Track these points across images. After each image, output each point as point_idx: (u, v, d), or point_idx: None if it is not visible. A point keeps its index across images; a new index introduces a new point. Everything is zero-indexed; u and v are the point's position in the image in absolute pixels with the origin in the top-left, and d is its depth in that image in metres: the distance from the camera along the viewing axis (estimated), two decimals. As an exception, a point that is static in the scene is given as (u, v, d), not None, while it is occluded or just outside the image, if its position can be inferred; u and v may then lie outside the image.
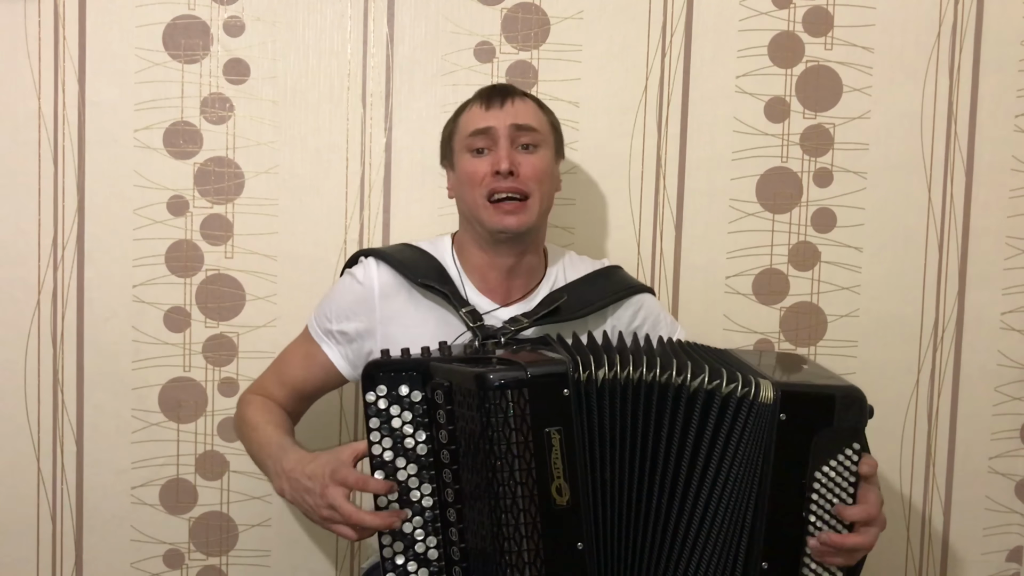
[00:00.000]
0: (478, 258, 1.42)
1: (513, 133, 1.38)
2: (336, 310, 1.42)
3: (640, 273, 1.72)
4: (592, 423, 1.15)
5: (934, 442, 1.77)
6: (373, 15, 1.67)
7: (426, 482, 1.18)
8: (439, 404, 1.16)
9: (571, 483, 1.13)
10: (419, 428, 1.18)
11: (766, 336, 1.74)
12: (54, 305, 1.67)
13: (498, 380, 1.11)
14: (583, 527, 1.14)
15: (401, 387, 1.18)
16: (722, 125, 1.72)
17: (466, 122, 1.41)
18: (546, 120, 1.45)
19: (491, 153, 1.38)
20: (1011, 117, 1.74)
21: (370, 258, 1.43)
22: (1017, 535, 1.80)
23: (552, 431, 1.12)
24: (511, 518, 1.12)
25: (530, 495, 1.12)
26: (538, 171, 1.38)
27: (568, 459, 1.13)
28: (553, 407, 1.13)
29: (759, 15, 1.71)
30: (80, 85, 1.65)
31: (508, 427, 1.11)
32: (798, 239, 1.74)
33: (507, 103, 1.40)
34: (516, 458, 1.11)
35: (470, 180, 1.38)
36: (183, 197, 1.67)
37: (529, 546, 1.12)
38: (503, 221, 1.36)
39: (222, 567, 1.71)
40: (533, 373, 1.12)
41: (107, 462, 1.69)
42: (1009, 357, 1.78)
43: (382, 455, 1.18)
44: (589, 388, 1.15)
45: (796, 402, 1.16)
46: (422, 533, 1.18)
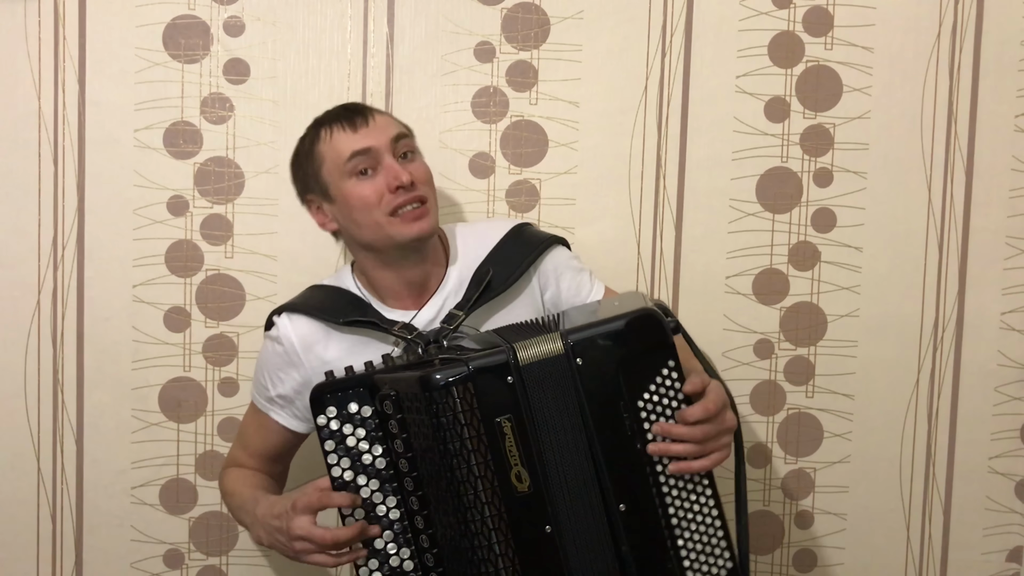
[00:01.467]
0: (387, 279, 1.40)
1: (393, 146, 1.36)
2: (268, 377, 1.43)
3: (640, 273, 1.72)
4: (533, 405, 1.16)
5: (934, 442, 1.77)
6: (373, 15, 1.68)
7: (390, 495, 1.19)
8: (389, 415, 1.18)
9: (529, 468, 1.15)
10: (374, 443, 1.19)
11: (766, 336, 1.74)
12: (54, 305, 1.67)
13: (443, 379, 1.13)
14: (548, 510, 1.15)
15: (350, 405, 1.20)
16: (722, 125, 1.71)
17: (337, 149, 1.35)
18: (404, 125, 1.43)
19: (377, 172, 1.34)
20: (1011, 117, 1.74)
21: (282, 315, 1.41)
22: (1017, 535, 1.80)
23: (502, 420, 1.14)
24: (476, 513, 1.14)
25: (491, 487, 1.14)
26: (426, 175, 1.38)
27: (522, 445, 1.14)
28: (500, 396, 1.15)
29: (759, 15, 1.71)
30: (80, 85, 1.65)
31: (459, 423, 1.13)
32: (798, 239, 1.74)
33: (370, 119, 1.37)
34: (472, 452, 1.13)
35: (365, 204, 1.33)
36: (183, 197, 1.67)
37: (498, 537, 1.14)
38: (413, 229, 1.33)
39: (222, 567, 1.72)
40: (475, 366, 1.14)
41: (107, 462, 1.69)
42: (1009, 357, 1.78)
43: (342, 476, 1.20)
44: (528, 371, 1.16)
45: (585, 344, 1.17)
46: (394, 547, 1.19)
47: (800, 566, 1.78)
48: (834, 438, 1.75)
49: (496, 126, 1.69)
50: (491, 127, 1.69)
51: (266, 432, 1.47)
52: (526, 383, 1.16)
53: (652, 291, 1.72)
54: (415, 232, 1.34)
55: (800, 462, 1.76)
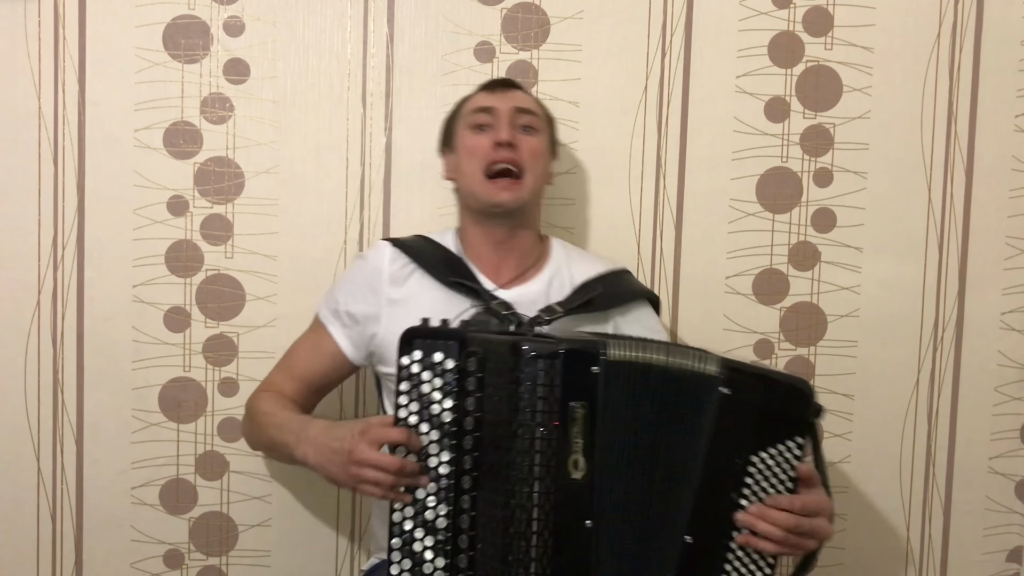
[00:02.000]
0: (474, 235, 1.47)
1: (514, 115, 1.44)
2: (345, 291, 1.46)
3: (640, 273, 1.72)
4: (609, 401, 1.16)
5: (934, 442, 1.77)
6: (373, 15, 1.68)
7: (445, 450, 1.18)
8: (471, 371, 1.18)
9: (588, 458, 1.15)
10: (447, 396, 1.19)
11: (766, 336, 1.74)
12: (54, 305, 1.67)
13: (533, 349, 1.15)
14: (593, 504, 1.15)
15: (436, 354, 1.20)
16: (722, 125, 1.72)
17: (470, 103, 1.48)
18: (543, 112, 1.51)
19: (492, 130, 1.44)
20: (1011, 117, 1.74)
21: (384, 242, 1.47)
22: (1017, 535, 1.80)
23: (577, 405, 1.15)
24: (526, 485, 1.14)
25: (547, 465, 1.14)
26: (535, 150, 1.45)
27: (589, 435, 1.15)
28: (581, 382, 1.15)
29: (759, 15, 1.71)
30: (80, 85, 1.65)
31: (536, 395, 1.14)
32: (798, 239, 1.74)
33: (509, 91, 1.48)
34: (539, 426, 1.14)
35: (470, 153, 1.44)
36: (183, 197, 1.67)
37: (539, 515, 1.14)
38: (498, 195, 1.42)
39: (222, 567, 1.71)
40: (567, 347, 1.16)
41: (107, 462, 1.69)
42: (1009, 357, 1.78)
43: (407, 419, 1.19)
44: (616, 368, 1.17)
45: (740, 379, 1.18)
46: (434, 500, 1.18)
47: (800, 566, 1.78)
48: (834, 438, 1.75)
49: (496, 126, 1.69)
50: (491, 127, 1.69)
51: (318, 353, 1.48)
52: (609, 378, 1.16)
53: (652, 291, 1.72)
54: (498, 199, 1.42)
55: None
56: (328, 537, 1.71)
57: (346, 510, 1.71)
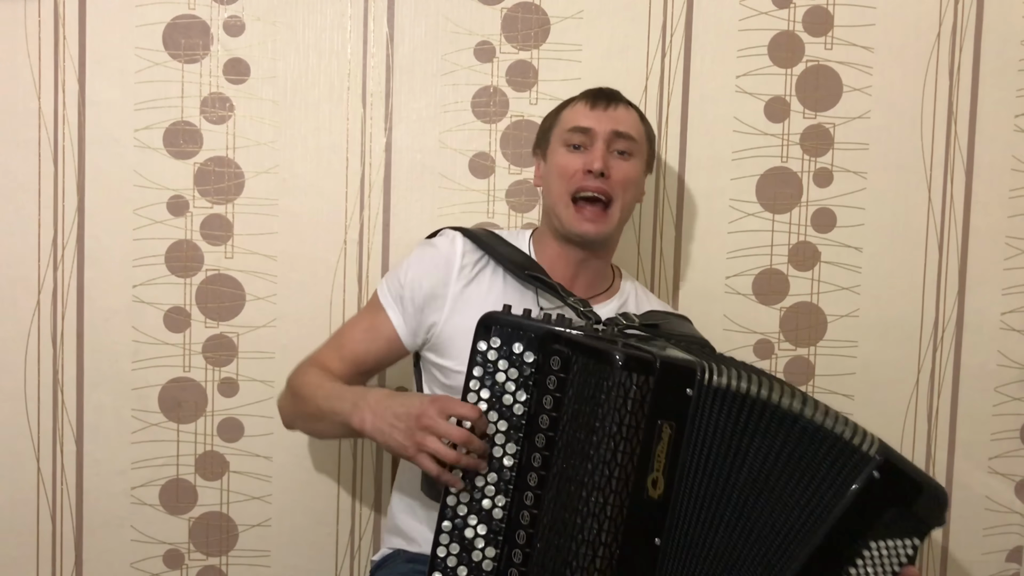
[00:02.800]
0: (552, 248, 1.45)
1: (611, 138, 1.40)
2: (412, 276, 1.41)
3: (640, 273, 1.72)
4: (701, 427, 1.13)
5: (934, 442, 1.77)
6: (373, 15, 1.68)
7: (511, 442, 1.16)
8: (553, 370, 1.15)
9: (668, 479, 1.12)
10: (520, 388, 1.16)
11: (766, 336, 1.74)
12: (54, 305, 1.67)
13: (628, 360, 1.10)
14: (666, 524, 1.12)
15: (516, 344, 1.17)
16: (722, 125, 1.72)
17: (568, 117, 1.44)
18: (644, 132, 1.47)
19: (586, 151, 1.40)
20: (1011, 117, 1.74)
21: (454, 231, 1.44)
22: (1017, 535, 1.80)
23: (665, 424, 1.11)
24: (600, 497, 1.11)
25: (625, 479, 1.11)
26: (628, 178, 1.41)
27: (672, 456, 1.12)
28: (673, 401, 1.11)
29: (759, 15, 1.71)
30: (80, 85, 1.65)
31: (624, 409, 1.10)
32: (798, 239, 1.74)
33: (611, 107, 1.43)
34: (623, 440, 1.10)
35: (561, 173, 1.41)
36: (183, 197, 1.67)
37: (609, 528, 1.11)
38: (581, 227, 1.39)
39: (222, 567, 1.71)
40: (663, 363, 1.11)
41: (107, 462, 1.69)
42: (1009, 357, 1.78)
43: (477, 403, 1.17)
44: (709, 392, 1.13)
45: (892, 470, 1.17)
46: (492, 490, 1.16)
47: (800, 566, 1.78)
48: (834, 438, 1.75)
49: (496, 126, 1.69)
50: (491, 127, 1.69)
51: (374, 335, 1.43)
52: (705, 404, 1.13)
53: (652, 291, 1.72)
54: (581, 230, 1.39)
55: (800, 462, 1.76)
56: (328, 537, 1.71)
57: (346, 510, 1.71)
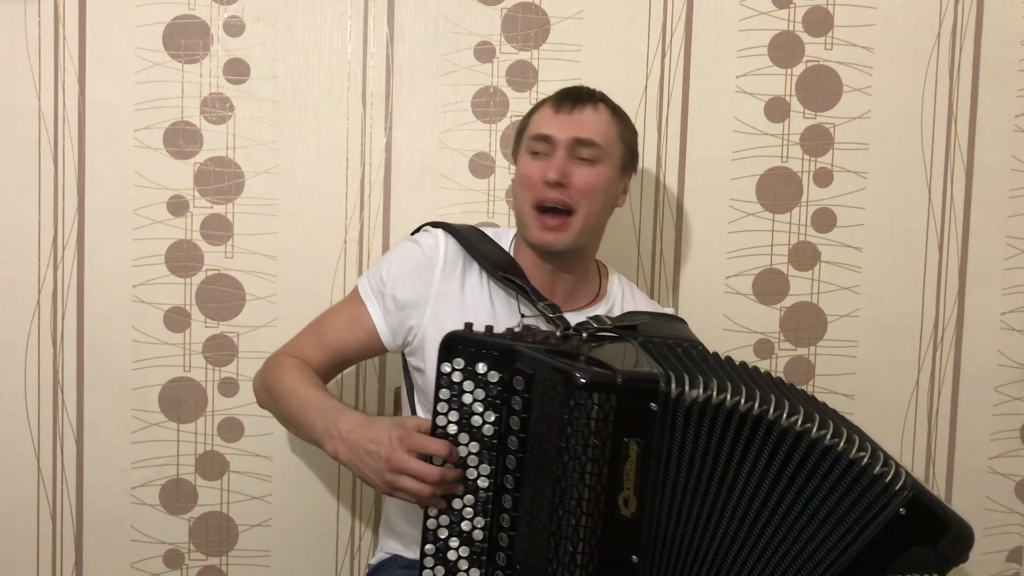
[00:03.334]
0: (526, 255, 1.41)
1: (573, 145, 1.35)
2: (393, 274, 1.40)
3: (640, 273, 1.72)
4: (672, 441, 1.11)
5: (934, 442, 1.77)
6: (373, 15, 1.68)
7: (485, 463, 1.16)
8: (517, 390, 1.13)
9: (639, 497, 1.09)
10: (488, 408, 1.16)
11: (766, 336, 1.74)
12: (54, 305, 1.67)
13: (587, 380, 1.08)
14: (642, 541, 1.10)
15: (479, 364, 1.16)
16: (722, 125, 1.71)
17: (535, 122, 1.40)
18: (616, 134, 1.40)
19: (547, 159, 1.36)
20: (1011, 117, 1.74)
21: (439, 229, 1.42)
22: (1017, 535, 1.80)
23: (631, 441, 1.09)
24: (572, 519, 1.09)
25: (596, 500, 1.09)
26: (590, 185, 1.35)
27: (641, 473, 1.09)
28: (637, 418, 1.09)
29: (759, 15, 1.71)
30: (80, 85, 1.65)
31: (588, 429, 1.08)
32: (798, 239, 1.74)
33: (576, 111, 1.37)
34: (590, 461, 1.08)
35: (523, 182, 1.38)
36: (183, 197, 1.67)
37: (584, 549, 1.09)
38: (542, 237, 1.35)
39: (222, 567, 1.71)
40: (624, 380, 1.08)
41: (107, 462, 1.69)
42: (1009, 357, 1.78)
43: (446, 427, 1.16)
44: (677, 405, 1.10)
45: (920, 507, 1.15)
46: (471, 512, 1.17)
47: (800, 566, 1.77)
48: (834, 438, 1.75)
49: (496, 126, 1.69)
50: (491, 127, 1.69)
51: (353, 327, 1.41)
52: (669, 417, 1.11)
53: (651, 291, 1.72)
54: (539, 240, 1.36)
55: (800, 462, 1.76)
56: (328, 537, 1.71)
57: (346, 510, 1.71)
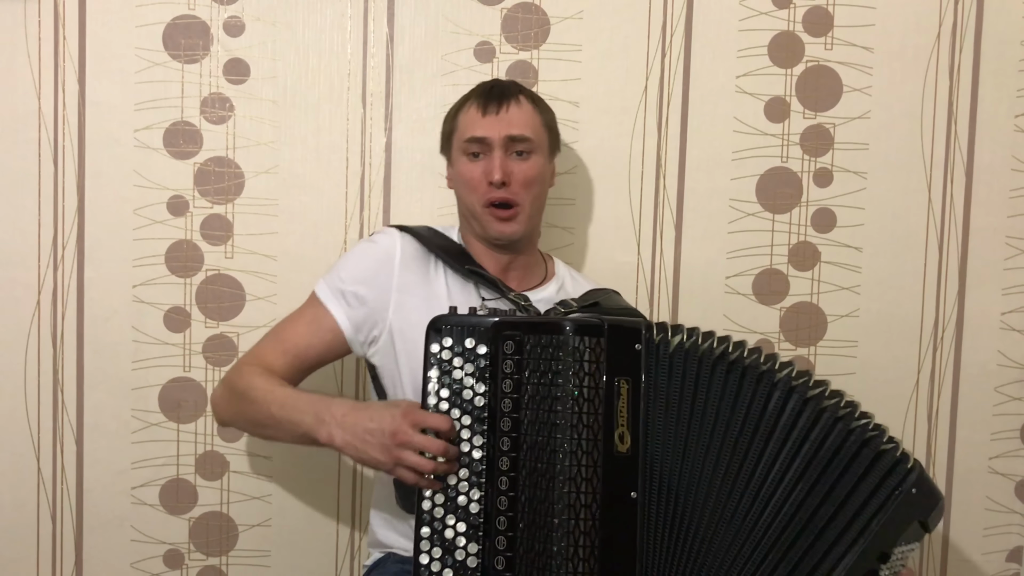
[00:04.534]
0: (477, 249, 1.46)
1: (507, 143, 1.41)
2: (352, 271, 1.41)
3: (640, 273, 1.72)
4: (658, 383, 1.19)
5: (934, 442, 1.77)
6: (373, 15, 1.67)
7: (477, 435, 1.20)
8: (508, 354, 1.20)
9: (632, 433, 1.17)
10: (479, 380, 1.21)
11: (766, 336, 1.74)
12: (54, 305, 1.67)
13: (578, 327, 1.18)
14: (639, 477, 1.17)
15: (468, 340, 1.21)
16: (722, 125, 1.71)
17: (464, 125, 1.44)
18: (541, 123, 1.47)
19: (486, 158, 1.42)
20: (1011, 117, 1.74)
21: (393, 228, 1.46)
22: (1017, 535, 1.80)
23: (621, 380, 1.17)
24: (573, 460, 1.16)
25: (594, 439, 1.16)
26: (529, 178, 1.42)
27: (632, 410, 1.17)
28: (625, 358, 1.18)
29: (759, 15, 1.71)
30: (80, 85, 1.65)
31: (582, 371, 1.16)
32: (798, 239, 1.74)
33: (503, 109, 1.42)
34: (586, 402, 1.16)
35: (467, 185, 1.43)
36: (183, 197, 1.67)
37: (586, 488, 1.16)
38: (500, 228, 1.42)
39: (222, 567, 1.71)
40: (610, 324, 1.18)
41: (107, 462, 1.69)
42: (1009, 357, 1.78)
43: (438, 405, 1.21)
44: (661, 349, 1.19)
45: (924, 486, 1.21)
46: (466, 486, 1.20)
47: (800, 566, 1.77)
48: (834, 438, 1.75)
49: (496, 126, 1.69)
50: (491, 127, 1.69)
51: (314, 328, 1.41)
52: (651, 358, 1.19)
53: (652, 291, 1.72)
54: (497, 232, 1.42)
55: (800, 462, 1.76)
56: (328, 537, 1.71)
57: (346, 510, 1.71)
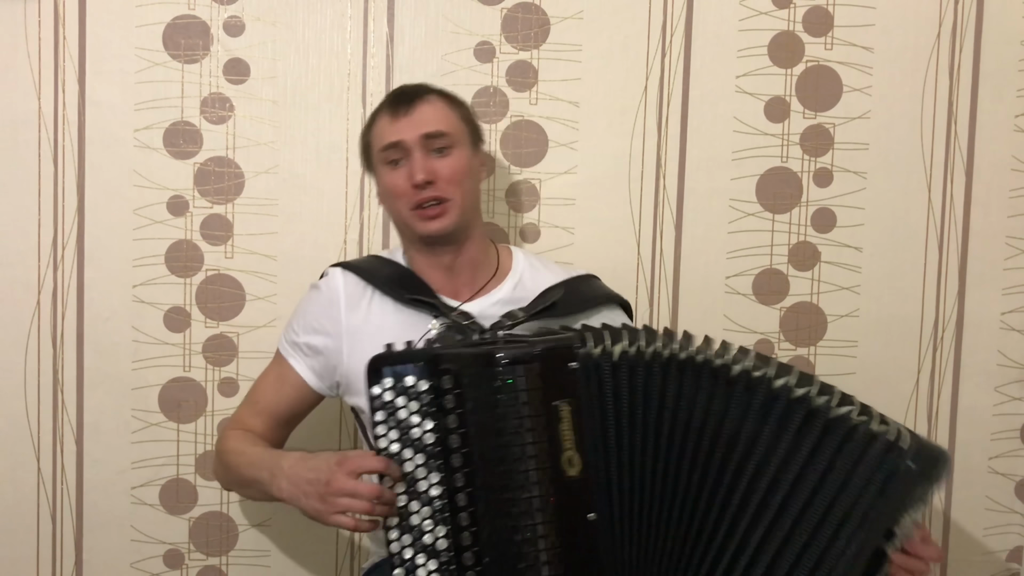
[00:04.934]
0: (421, 260, 1.44)
1: (423, 142, 1.38)
2: (302, 322, 1.43)
3: (640, 273, 1.72)
4: (606, 396, 1.17)
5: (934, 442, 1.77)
6: (373, 15, 1.68)
7: (434, 471, 1.18)
8: (448, 389, 1.18)
9: (582, 455, 1.16)
10: (425, 418, 1.18)
11: (766, 336, 1.74)
12: (54, 305, 1.67)
13: (508, 356, 1.17)
14: (594, 498, 1.16)
15: (407, 378, 1.19)
16: (722, 125, 1.71)
17: (377, 135, 1.42)
18: (457, 117, 1.43)
19: (406, 163, 1.38)
20: (1011, 117, 1.74)
21: (335, 268, 1.44)
22: (1017, 535, 1.80)
23: (561, 404, 1.16)
24: (524, 492, 1.15)
25: (542, 468, 1.15)
26: (455, 173, 1.39)
27: (578, 431, 1.16)
28: (561, 380, 1.16)
29: (759, 15, 1.71)
30: (80, 85, 1.65)
31: (518, 401, 1.16)
32: (798, 239, 1.74)
33: (413, 110, 1.39)
34: (528, 431, 1.16)
35: (393, 193, 1.40)
36: (183, 197, 1.67)
37: (542, 518, 1.15)
38: (428, 227, 1.38)
39: (222, 567, 1.72)
40: (542, 348, 1.18)
41: (107, 462, 1.69)
42: (1009, 357, 1.78)
43: (388, 447, 1.18)
44: (602, 361, 1.17)
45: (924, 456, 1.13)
46: (431, 524, 1.18)
47: (800, 566, 1.77)
48: (834, 438, 1.75)
49: (496, 126, 1.69)
50: (491, 127, 1.69)
51: (282, 385, 1.44)
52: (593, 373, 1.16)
53: (652, 291, 1.72)
54: (430, 230, 1.38)
55: (800, 462, 1.76)
56: (328, 537, 1.71)
57: (346, 510, 1.71)
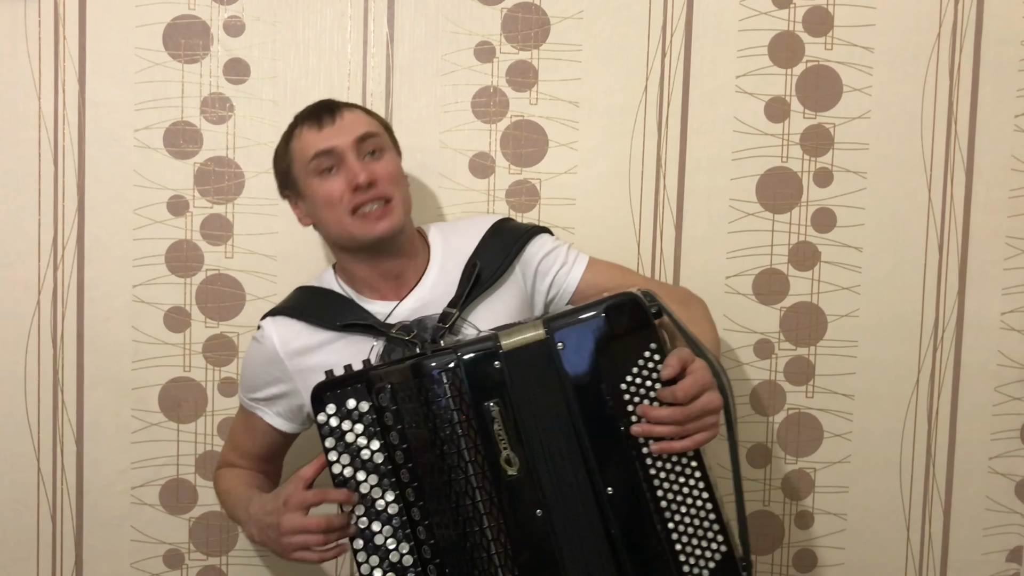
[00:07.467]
0: (362, 271, 1.42)
1: (357, 145, 1.37)
2: (251, 380, 1.45)
3: (640, 273, 1.71)
4: (529, 388, 1.20)
5: (934, 442, 1.77)
6: (373, 15, 1.68)
7: (389, 490, 1.21)
8: (385, 407, 1.20)
9: (518, 452, 1.18)
10: (372, 438, 1.21)
11: (766, 336, 1.74)
12: (54, 305, 1.67)
13: (431, 364, 1.20)
14: (538, 493, 1.18)
15: (348, 401, 1.22)
16: (722, 125, 1.71)
17: (303, 148, 1.39)
18: (378, 123, 1.45)
19: (340, 170, 1.37)
20: (1011, 117, 1.74)
21: (266, 319, 1.43)
22: (1017, 535, 1.80)
23: (491, 404, 1.18)
24: (467, 497, 1.18)
25: (481, 471, 1.18)
26: (392, 173, 1.40)
27: (510, 429, 1.18)
28: (487, 380, 1.19)
29: (759, 15, 1.71)
30: (80, 85, 1.65)
31: (449, 408, 1.19)
32: (798, 239, 1.74)
33: (338, 117, 1.39)
34: (462, 436, 1.19)
35: (328, 202, 1.37)
36: (183, 197, 1.67)
37: (490, 522, 1.18)
38: (375, 229, 1.36)
39: (222, 567, 1.72)
40: (464, 352, 1.20)
41: (107, 462, 1.69)
42: (1009, 357, 1.78)
43: (342, 472, 1.22)
44: (511, 358, 1.19)
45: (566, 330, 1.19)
46: (393, 542, 1.21)
47: (800, 566, 1.78)
48: (834, 438, 1.75)
49: (496, 126, 1.69)
50: (491, 127, 1.69)
51: (254, 432, 1.48)
52: (511, 369, 1.19)
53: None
54: (377, 232, 1.36)
55: (800, 462, 1.76)
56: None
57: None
